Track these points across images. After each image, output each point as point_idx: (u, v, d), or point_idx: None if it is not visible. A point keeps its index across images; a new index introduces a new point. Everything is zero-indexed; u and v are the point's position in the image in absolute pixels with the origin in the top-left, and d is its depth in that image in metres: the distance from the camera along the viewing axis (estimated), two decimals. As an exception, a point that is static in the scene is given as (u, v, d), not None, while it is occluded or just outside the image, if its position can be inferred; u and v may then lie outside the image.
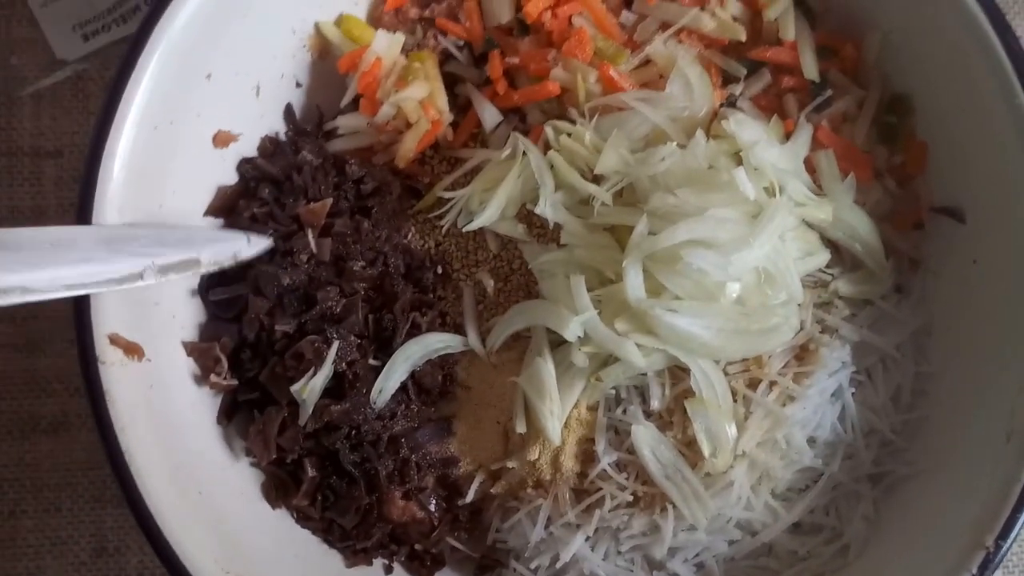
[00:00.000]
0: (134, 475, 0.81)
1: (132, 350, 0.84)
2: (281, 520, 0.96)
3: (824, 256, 0.96)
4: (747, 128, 0.94)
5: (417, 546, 0.99)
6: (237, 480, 0.95)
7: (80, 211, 0.81)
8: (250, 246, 0.86)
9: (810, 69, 0.99)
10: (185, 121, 0.90)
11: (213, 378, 0.93)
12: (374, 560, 0.99)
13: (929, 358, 0.99)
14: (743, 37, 0.99)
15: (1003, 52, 0.87)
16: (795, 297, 0.92)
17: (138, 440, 0.83)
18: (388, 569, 1.00)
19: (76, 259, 0.74)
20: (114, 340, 0.83)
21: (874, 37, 0.99)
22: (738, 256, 0.88)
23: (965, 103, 0.93)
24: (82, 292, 0.75)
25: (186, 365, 0.93)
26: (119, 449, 0.81)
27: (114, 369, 0.82)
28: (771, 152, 0.93)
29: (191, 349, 0.93)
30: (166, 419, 0.88)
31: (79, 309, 0.81)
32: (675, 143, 0.94)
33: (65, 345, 1.11)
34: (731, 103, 1.00)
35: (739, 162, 0.93)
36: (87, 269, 0.75)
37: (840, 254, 0.99)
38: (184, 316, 0.94)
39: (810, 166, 0.98)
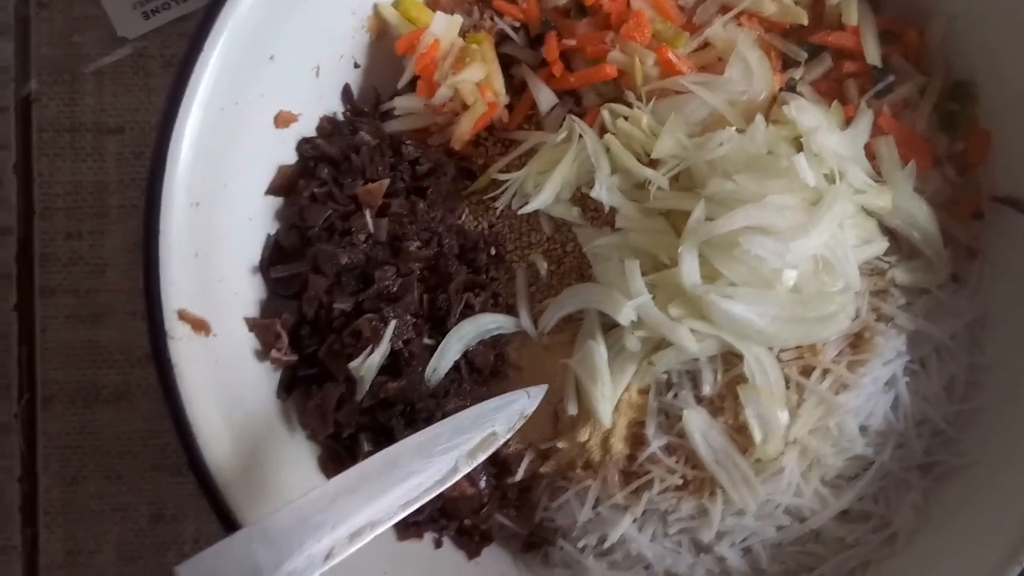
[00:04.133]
0: (201, 447, 0.84)
1: (200, 326, 0.86)
2: (336, 493, 0.99)
3: (882, 244, 0.95)
4: (807, 114, 0.93)
5: (466, 521, 1.01)
6: (295, 452, 0.97)
7: (149, 191, 0.83)
8: (530, 399, 0.90)
9: (872, 54, 0.97)
10: (249, 102, 0.92)
11: (274, 353, 0.95)
12: (424, 534, 1.01)
13: (984, 349, 0.98)
14: (805, 21, 0.98)
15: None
16: (852, 285, 0.91)
17: (205, 413, 0.85)
18: (438, 543, 1.02)
19: (403, 478, 0.79)
20: (183, 315, 0.85)
21: (939, 23, 0.97)
22: (796, 243, 0.87)
23: (1031, 92, 0.92)
24: (416, 506, 0.79)
25: (248, 341, 0.95)
26: (187, 421, 0.83)
27: (182, 344, 0.84)
28: (831, 138, 0.93)
29: (253, 325, 0.95)
30: (230, 393, 0.90)
31: (149, 285, 0.84)
32: (734, 128, 0.93)
33: (126, 317, 1.14)
34: (791, 88, 0.99)
35: (799, 148, 0.93)
36: (414, 482, 0.79)
37: (897, 242, 0.98)
38: (246, 293, 0.96)
39: (870, 153, 0.97)
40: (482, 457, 0.84)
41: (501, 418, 0.87)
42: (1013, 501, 0.87)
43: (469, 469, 0.82)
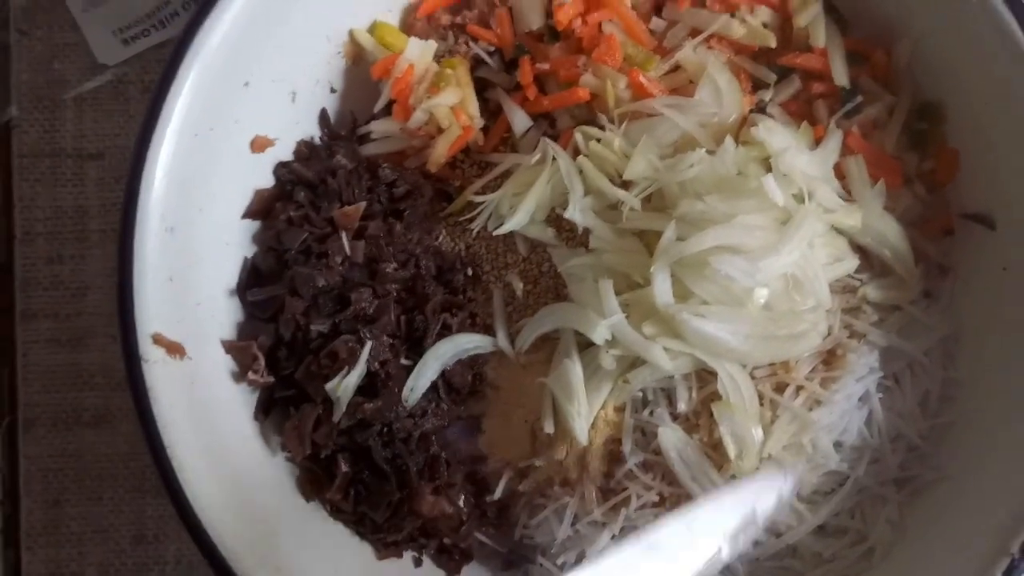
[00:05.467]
0: (176, 470, 0.84)
1: (174, 349, 0.87)
2: (314, 513, 0.99)
3: (853, 262, 0.97)
4: (777, 134, 0.94)
5: (446, 540, 1.01)
6: (273, 473, 0.97)
7: (123, 217, 0.84)
8: (786, 483, 0.89)
9: (840, 75, 0.99)
10: (224, 128, 0.93)
11: (251, 375, 0.95)
12: (404, 553, 1.02)
13: (958, 364, 0.98)
14: (773, 43, 0.99)
15: (1036, 60, 0.87)
16: (823, 303, 0.93)
17: (180, 436, 0.85)
18: (417, 562, 1.02)
19: (668, 560, 0.77)
20: (157, 340, 0.86)
21: (905, 43, 0.99)
22: (766, 262, 0.89)
23: (997, 110, 0.93)
24: None
25: (225, 363, 0.96)
26: (162, 445, 0.84)
27: (157, 367, 0.85)
28: (800, 158, 0.94)
29: (229, 347, 0.96)
30: (206, 415, 0.90)
31: (123, 310, 0.84)
32: (704, 149, 0.95)
33: (107, 340, 1.15)
34: (761, 109, 1.00)
35: (768, 168, 0.94)
36: (681, 566, 0.78)
37: (869, 260, 0.99)
38: (223, 316, 0.97)
39: (840, 172, 0.98)
40: (742, 539, 0.82)
41: (761, 499, 0.85)
42: (987, 513, 0.88)
43: (729, 554, 0.80)
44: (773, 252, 0.89)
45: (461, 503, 1.00)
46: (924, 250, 1.00)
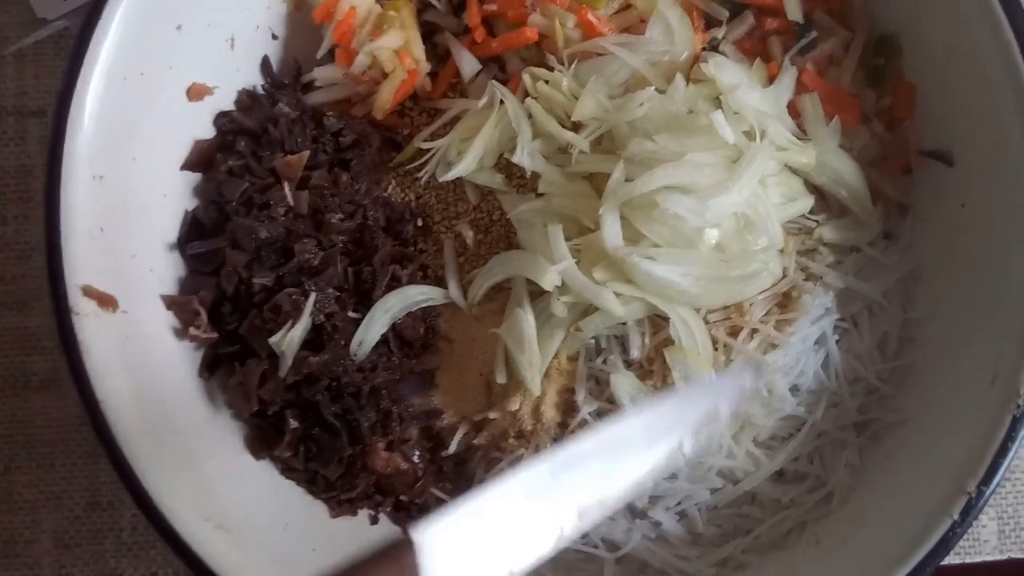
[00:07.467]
0: (111, 425, 0.82)
1: (106, 301, 0.84)
2: (265, 472, 0.97)
3: (807, 202, 0.94)
4: (727, 70, 0.91)
5: (402, 497, 1.00)
6: (220, 432, 0.95)
7: (49, 163, 0.81)
8: (756, 376, 0.87)
9: (794, 10, 0.96)
10: (156, 73, 0.90)
11: (192, 331, 0.93)
12: (359, 511, 1.00)
13: (917, 305, 0.97)
14: (724, -22, 0.97)
15: (991, -12, 0.84)
16: (775, 242, 0.90)
17: (114, 390, 0.83)
18: (373, 520, 1.00)
19: (628, 454, 0.74)
20: (87, 291, 0.83)
21: (860, -25, 0.97)
22: (716, 201, 0.86)
23: (953, 43, 0.91)
24: (645, 487, 0.76)
25: (165, 319, 0.93)
26: (95, 399, 0.82)
27: (88, 320, 0.83)
28: (752, 95, 0.91)
29: (170, 303, 0.93)
30: (145, 371, 0.88)
31: (52, 260, 0.82)
32: (654, 88, 0.92)
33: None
34: (713, 47, 0.97)
35: (720, 107, 0.91)
36: (640, 459, 0.75)
37: (826, 201, 0.97)
38: (162, 270, 0.94)
39: (795, 111, 0.96)
40: (702, 440, 0.80)
41: (725, 394, 0.83)
42: (945, 453, 0.86)
43: (691, 448, 0.78)
44: (723, 190, 0.87)
45: (416, 459, 0.99)
46: (882, 189, 0.98)
